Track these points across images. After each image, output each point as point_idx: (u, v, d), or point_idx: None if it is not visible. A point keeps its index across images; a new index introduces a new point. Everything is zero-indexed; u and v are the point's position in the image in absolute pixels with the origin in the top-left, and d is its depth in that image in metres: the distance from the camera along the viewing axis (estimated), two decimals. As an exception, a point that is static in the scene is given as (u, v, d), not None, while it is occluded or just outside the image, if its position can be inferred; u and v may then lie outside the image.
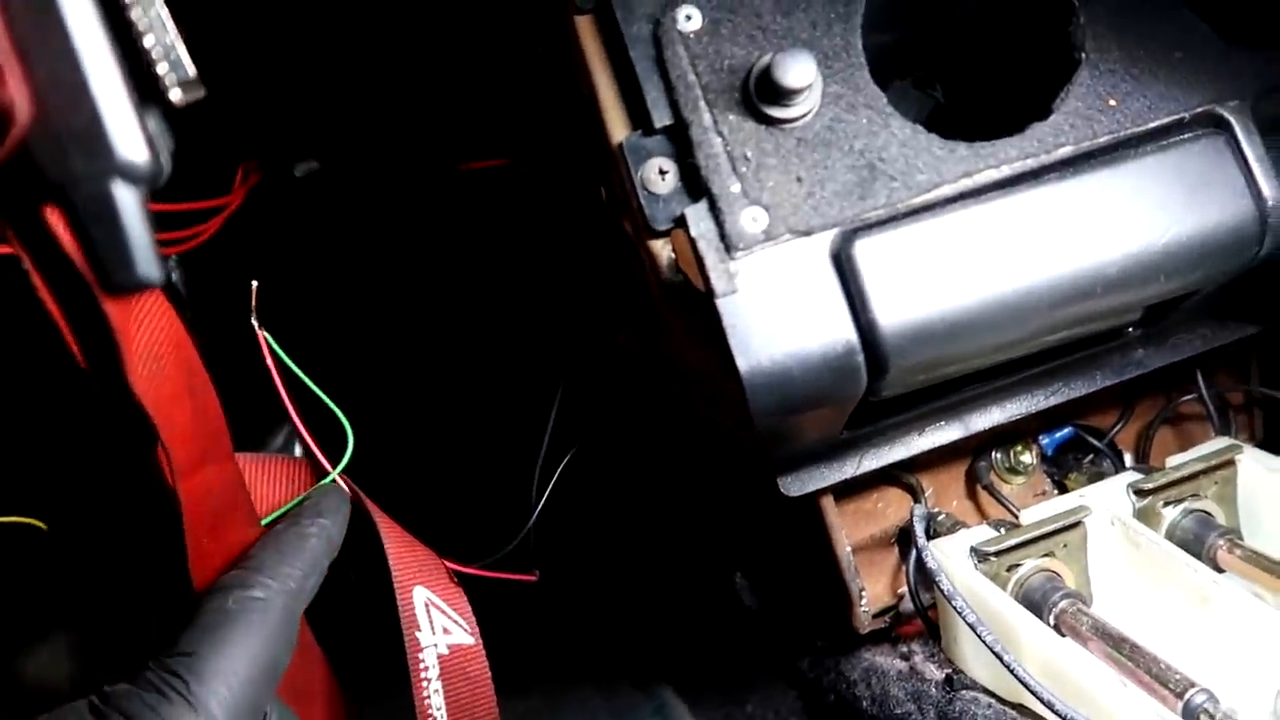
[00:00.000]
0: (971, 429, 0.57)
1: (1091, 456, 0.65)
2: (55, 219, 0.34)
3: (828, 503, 0.59)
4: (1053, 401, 0.57)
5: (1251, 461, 0.56)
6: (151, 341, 0.39)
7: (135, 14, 0.32)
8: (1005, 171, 0.45)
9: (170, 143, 0.34)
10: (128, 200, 0.32)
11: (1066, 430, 0.66)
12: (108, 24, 0.31)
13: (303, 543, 0.47)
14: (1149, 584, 0.53)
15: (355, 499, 0.54)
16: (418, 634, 0.55)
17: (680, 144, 0.44)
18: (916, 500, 0.62)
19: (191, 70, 0.34)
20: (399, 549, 0.57)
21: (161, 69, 0.32)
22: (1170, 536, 0.56)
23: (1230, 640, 0.49)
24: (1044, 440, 0.66)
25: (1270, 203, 0.45)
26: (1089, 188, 0.44)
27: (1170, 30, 0.46)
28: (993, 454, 0.65)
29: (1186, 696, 0.44)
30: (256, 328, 0.51)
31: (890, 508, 0.64)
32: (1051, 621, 0.52)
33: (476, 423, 0.77)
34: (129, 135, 0.31)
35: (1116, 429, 0.65)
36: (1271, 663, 0.47)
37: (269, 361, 0.51)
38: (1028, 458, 0.65)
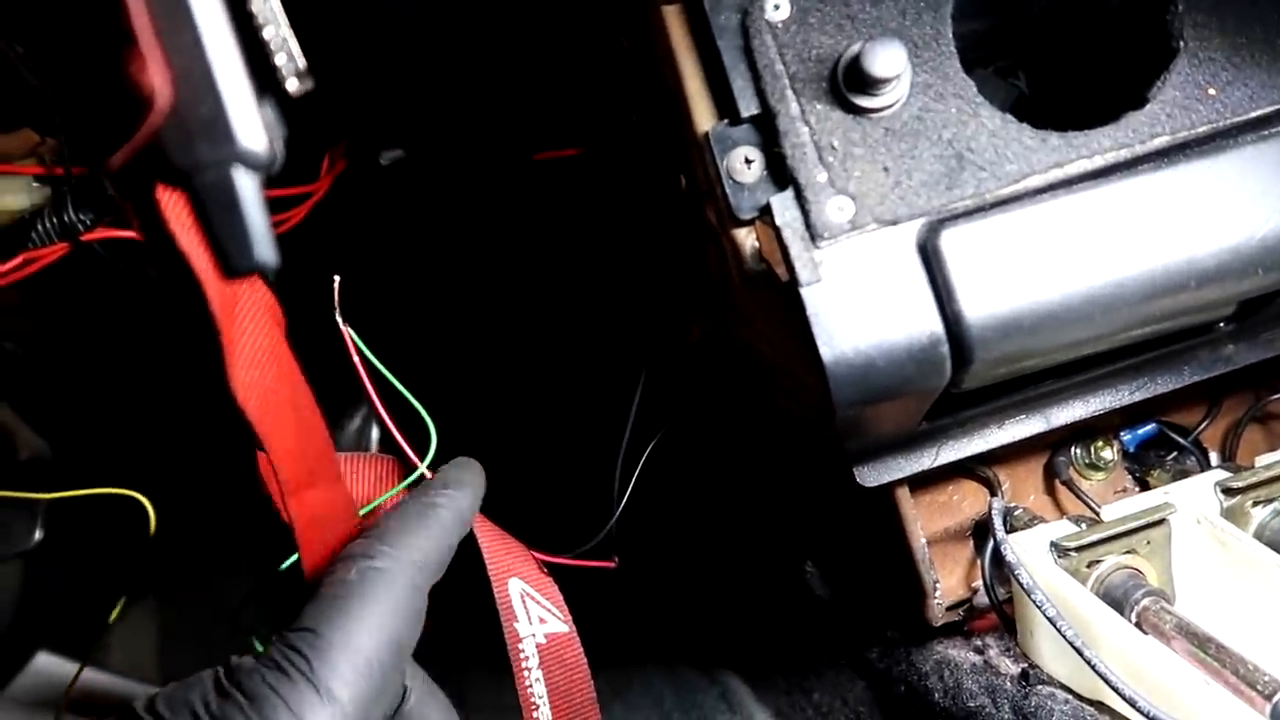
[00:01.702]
0: (1053, 423, 0.57)
1: (1175, 454, 0.64)
2: (170, 205, 0.35)
3: (903, 494, 0.59)
4: (1137, 397, 0.57)
5: (1346, 462, 0.54)
6: (255, 349, 0.39)
7: (255, 6, 0.33)
8: (1098, 162, 0.44)
9: (284, 131, 0.35)
10: (248, 186, 0.33)
11: (1150, 426, 0.64)
12: (232, 17, 0.32)
13: (430, 513, 0.46)
14: (1236, 584, 0.52)
15: None
16: (516, 625, 0.57)
17: (766, 133, 0.45)
18: (993, 494, 0.62)
19: (303, 62, 0.35)
20: (492, 542, 0.58)
21: (279, 60, 0.33)
22: (1259, 536, 0.54)
23: (1321, 643, 0.48)
24: (1126, 436, 0.65)
25: (1376, 195, 0.43)
26: (1185, 179, 0.43)
27: (1274, 17, 0.45)
28: (1072, 449, 0.64)
29: (1276, 699, 0.44)
30: (341, 324, 0.52)
31: (965, 501, 0.63)
32: (1133, 619, 0.51)
33: (557, 413, 0.78)
34: (250, 124, 0.33)
35: (1202, 426, 0.64)
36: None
37: (354, 358, 0.52)
38: (1109, 454, 0.64)
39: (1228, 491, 0.54)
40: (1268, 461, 0.55)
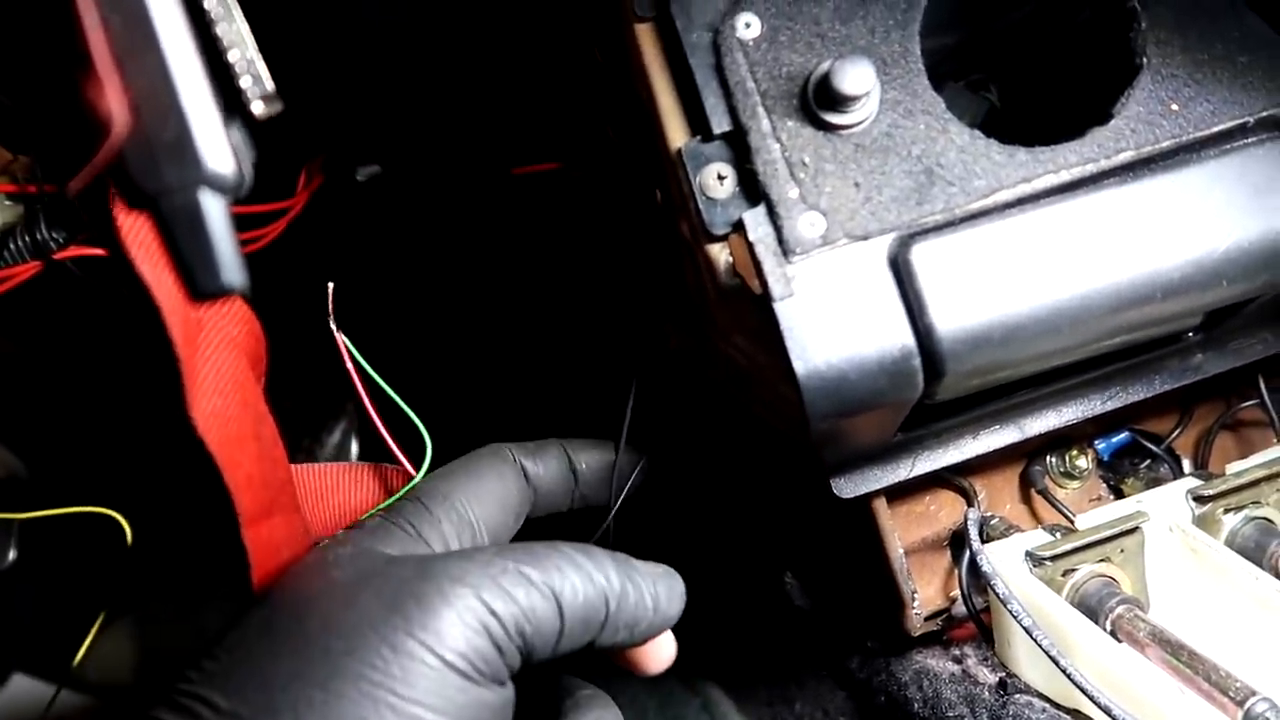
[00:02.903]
0: (1027, 433, 0.57)
1: (1149, 462, 0.65)
2: (130, 229, 0.35)
3: (880, 505, 0.59)
4: (1110, 406, 0.57)
5: (1315, 469, 0.55)
6: (218, 378, 0.39)
7: (220, 30, 0.33)
8: (1065, 177, 0.45)
9: (252, 154, 0.35)
10: (214, 209, 0.33)
11: (1123, 435, 0.65)
12: (197, 41, 0.32)
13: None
14: (1208, 591, 0.53)
15: None
16: None
17: (739, 150, 0.45)
18: (970, 503, 0.62)
19: (271, 85, 0.35)
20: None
21: (245, 83, 0.33)
22: (1230, 544, 0.55)
23: (1292, 649, 0.49)
24: (1100, 445, 0.65)
25: (1338, 207, 0.44)
26: (1150, 193, 0.44)
27: (1234, 34, 0.46)
28: (1047, 458, 0.65)
29: (1248, 705, 0.44)
30: (334, 331, 0.52)
31: (942, 511, 0.64)
32: (1108, 627, 0.52)
33: (543, 424, 0.78)
34: (216, 147, 0.33)
35: (1175, 434, 0.65)
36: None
37: (349, 365, 0.52)
38: (1083, 462, 0.65)
39: (1199, 499, 0.55)
40: (1238, 469, 0.56)
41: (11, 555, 0.81)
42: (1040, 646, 0.48)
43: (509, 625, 0.38)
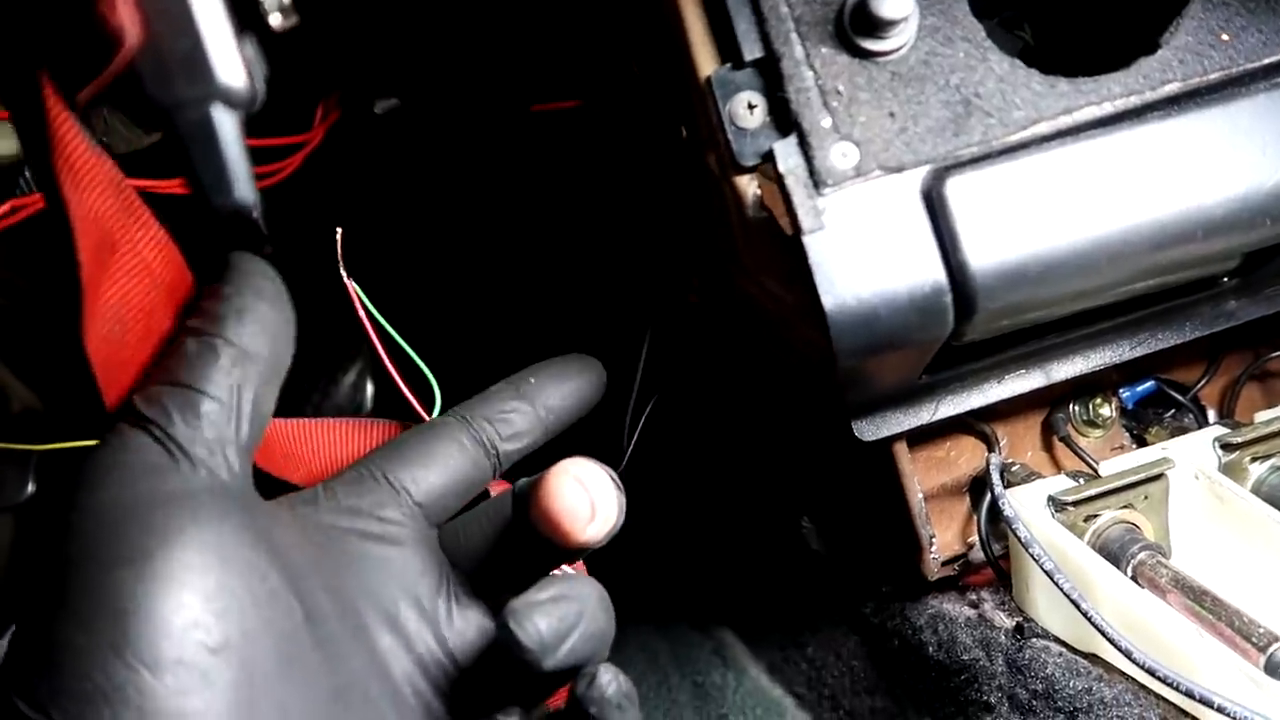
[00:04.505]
0: (1053, 378, 0.56)
1: (1174, 411, 0.64)
2: (61, 140, 0.33)
3: (901, 449, 0.59)
4: (1138, 352, 0.56)
5: (1344, 418, 0.54)
6: (122, 304, 0.37)
7: (238, -63, 0.32)
8: (1108, 109, 0.43)
9: (265, 69, 0.34)
10: (227, 124, 0.32)
11: (1149, 384, 0.64)
12: (213, -54, 0.31)
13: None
14: (1233, 539, 0.52)
15: None
16: None
17: (770, 78, 0.43)
18: (991, 449, 0.61)
19: (289, -5, 0.34)
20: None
21: (263, -8, 0.32)
22: (1256, 492, 0.54)
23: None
24: (1125, 393, 0.64)
25: (1389, 145, 0.43)
26: (1196, 126, 0.43)
27: (1290, -39, 0.44)
28: (1070, 406, 0.64)
29: (1270, 651, 0.44)
30: (345, 278, 0.51)
31: (963, 456, 0.63)
32: (1129, 573, 0.51)
33: None
34: (229, 61, 0.32)
35: (1201, 384, 0.64)
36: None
37: (360, 313, 0.51)
38: (1107, 410, 0.64)
39: (1226, 447, 0.54)
40: (1267, 418, 0.55)
41: (30, 488, 0.81)
42: (1061, 589, 0.48)
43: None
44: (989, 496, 0.58)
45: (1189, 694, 0.42)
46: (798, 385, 0.58)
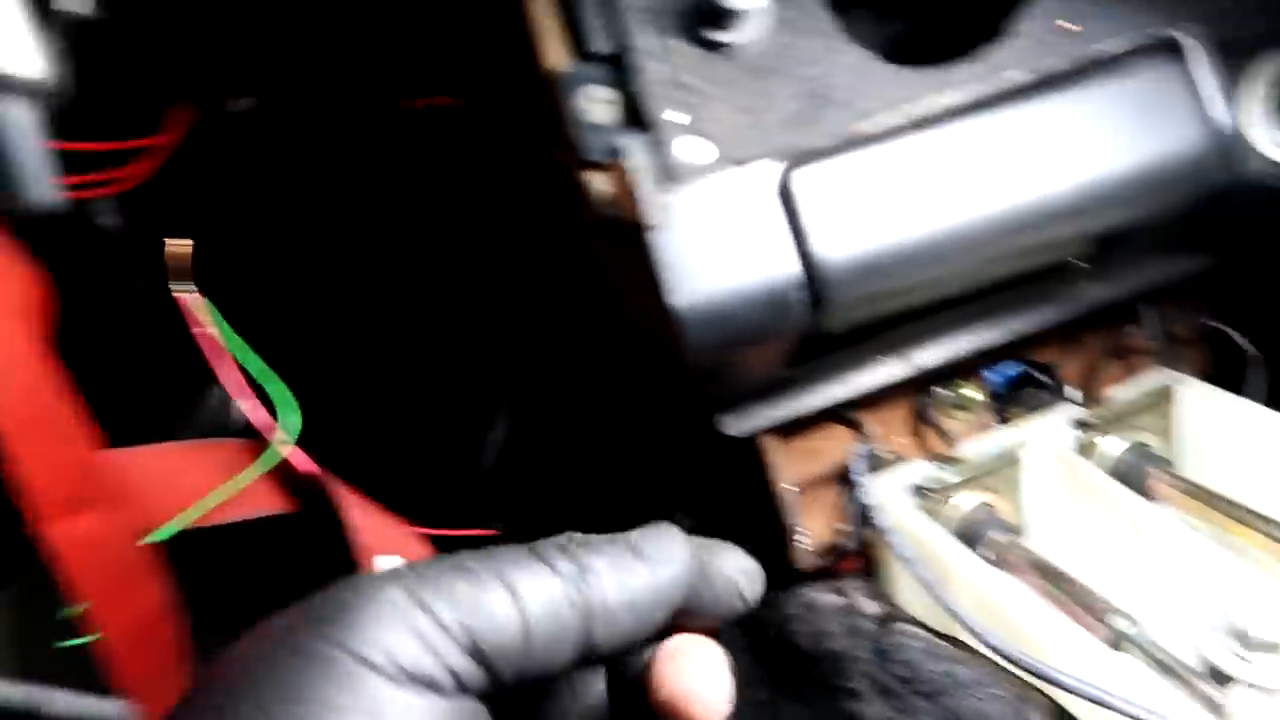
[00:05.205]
0: (915, 366, 0.57)
1: (1038, 392, 0.65)
2: None
3: (768, 441, 0.59)
4: (999, 339, 0.57)
5: (1188, 393, 0.57)
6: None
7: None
8: (955, 98, 0.43)
9: (63, 53, 0.32)
10: (18, 117, 0.30)
11: (1013, 366, 0.66)
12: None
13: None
14: (1086, 516, 0.54)
15: (311, 471, 0.52)
16: None
17: (619, 71, 0.43)
18: (861, 438, 0.62)
19: (85, -20, 0.31)
20: (361, 519, 0.55)
21: (49, -23, 0.30)
22: (1109, 469, 0.56)
23: (1162, 569, 0.50)
24: (990, 376, 0.66)
25: (1226, 131, 0.44)
26: (1040, 115, 0.43)
27: (1127, -46, 0.45)
28: (938, 390, 0.65)
29: (1110, 623, 0.45)
30: (179, 292, 0.48)
31: (833, 445, 0.63)
32: (986, 554, 0.52)
33: (423, 379, 0.74)
34: (17, 48, 0.29)
35: (1063, 364, 0.66)
36: (1199, 589, 0.48)
37: (200, 328, 0.48)
38: (972, 393, 0.65)
39: (1081, 426, 0.55)
40: (1121, 396, 0.57)
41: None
42: (917, 576, 0.49)
43: (447, 619, 0.31)
44: (857, 488, 0.58)
45: (1036, 673, 0.43)
46: (664, 381, 0.57)
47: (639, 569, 0.35)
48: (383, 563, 0.56)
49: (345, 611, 0.30)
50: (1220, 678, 0.42)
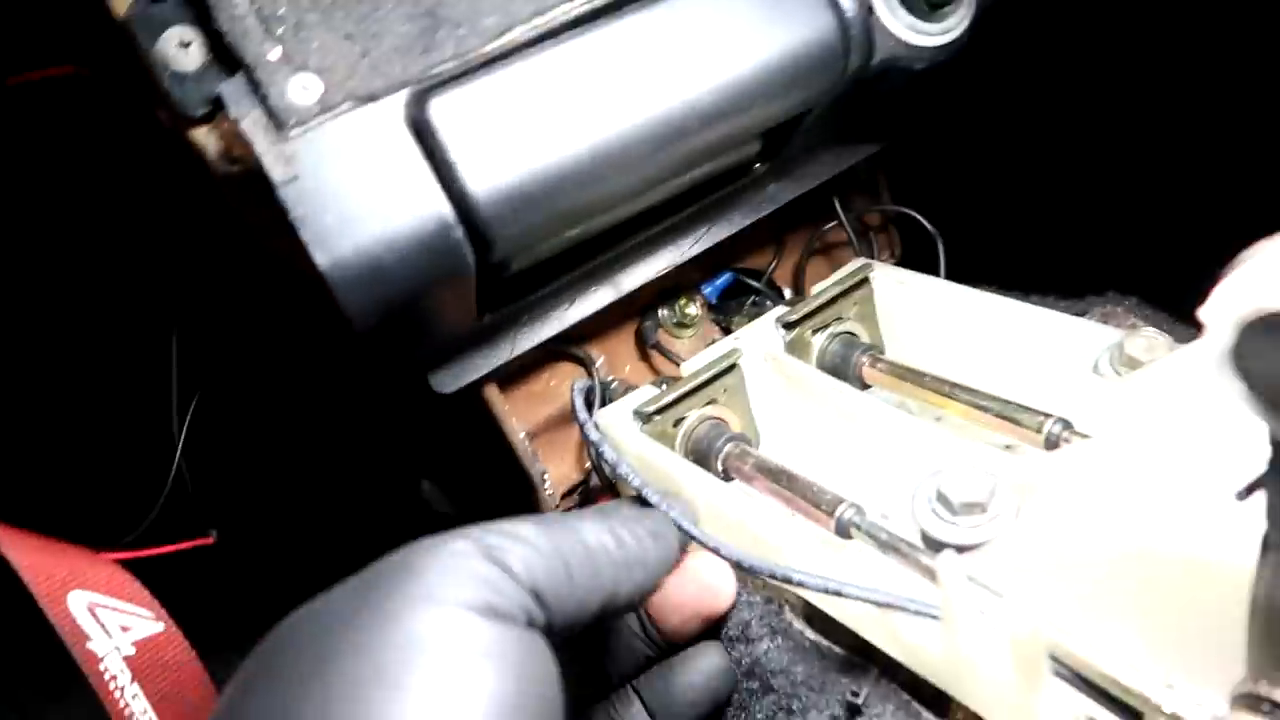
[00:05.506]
0: (622, 289, 0.55)
1: (754, 298, 0.66)
2: None
3: (491, 392, 0.56)
4: (697, 249, 0.56)
5: (883, 278, 0.58)
6: None
7: None
8: (581, 7, 0.41)
9: None
10: None
11: (726, 276, 0.66)
12: None
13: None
14: (804, 413, 0.54)
15: None
16: (89, 645, 0.49)
17: (198, 7, 0.37)
18: (589, 372, 0.60)
19: None
20: (36, 559, 0.50)
21: None
22: (820, 363, 0.57)
23: (877, 451, 0.51)
24: (706, 289, 0.65)
25: (849, 14, 0.44)
26: (670, 18, 0.41)
27: None
28: (659, 312, 0.64)
29: (837, 514, 0.45)
30: None
31: (563, 385, 0.61)
32: (719, 468, 0.52)
33: (87, 388, 0.65)
34: None
35: (772, 268, 0.66)
36: (912, 465, 0.50)
37: None
38: (693, 309, 0.65)
39: (787, 325, 0.56)
40: (819, 289, 0.58)
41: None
42: (650, 501, 0.47)
43: (512, 557, 0.35)
44: (589, 422, 0.56)
45: (774, 576, 0.43)
46: (363, 346, 0.53)
47: (643, 535, 0.41)
48: (77, 599, 0.50)
49: (417, 559, 0.33)
50: (934, 545, 0.44)
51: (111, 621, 0.51)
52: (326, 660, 0.30)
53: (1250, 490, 0.30)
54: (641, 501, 0.44)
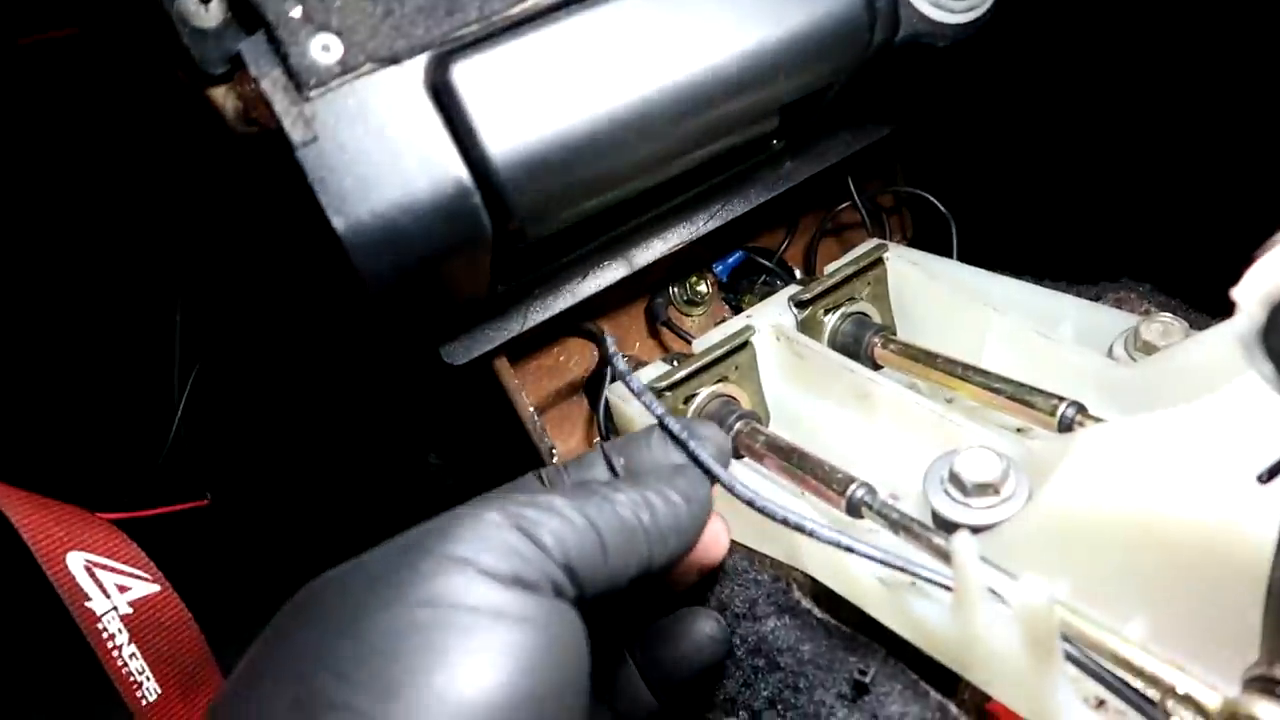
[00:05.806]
0: (636, 265, 0.55)
1: (765, 277, 0.66)
2: None
3: (502, 365, 0.56)
4: (712, 225, 0.56)
5: (897, 259, 0.58)
6: None
7: None
8: (607, -28, 0.40)
9: None
10: None
11: (737, 254, 0.65)
12: None
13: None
14: (816, 392, 0.54)
15: None
16: (88, 604, 0.49)
17: (220, -37, 0.36)
18: (600, 347, 0.60)
19: None
20: (35, 518, 0.50)
21: None
22: (832, 343, 0.57)
23: (889, 431, 0.51)
24: (718, 268, 0.65)
25: (878, -10, 0.44)
26: (696, -15, 0.41)
27: None
28: (670, 289, 0.64)
29: (848, 493, 0.45)
30: None
31: (573, 360, 0.61)
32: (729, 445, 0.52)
33: (91, 352, 0.65)
34: None
35: (784, 247, 0.66)
36: (922, 445, 0.49)
37: None
38: (704, 287, 0.64)
39: (800, 304, 0.55)
40: (832, 269, 0.57)
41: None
42: (680, 441, 0.47)
43: (544, 532, 0.35)
44: (604, 396, 0.56)
45: (785, 521, 0.42)
46: (377, 315, 0.53)
47: (678, 501, 0.41)
48: (76, 558, 0.51)
49: (450, 526, 0.34)
50: (946, 525, 0.43)
51: (109, 581, 0.51)
52: (362, 610, 0.32)
53: (1273, 474, 0.30)
54: (670, 437, 0.44)
